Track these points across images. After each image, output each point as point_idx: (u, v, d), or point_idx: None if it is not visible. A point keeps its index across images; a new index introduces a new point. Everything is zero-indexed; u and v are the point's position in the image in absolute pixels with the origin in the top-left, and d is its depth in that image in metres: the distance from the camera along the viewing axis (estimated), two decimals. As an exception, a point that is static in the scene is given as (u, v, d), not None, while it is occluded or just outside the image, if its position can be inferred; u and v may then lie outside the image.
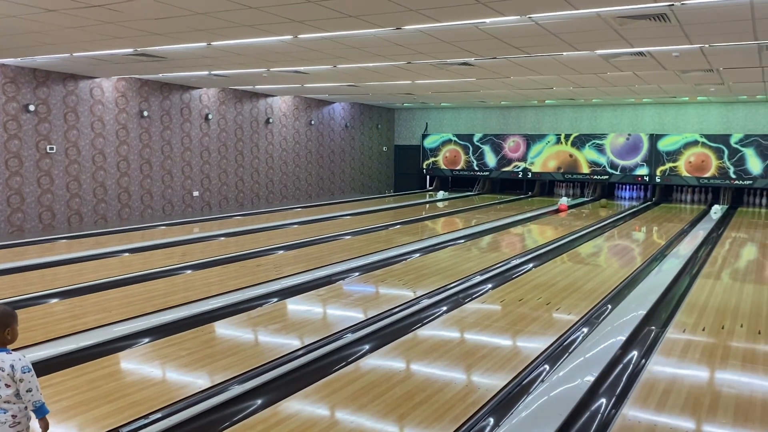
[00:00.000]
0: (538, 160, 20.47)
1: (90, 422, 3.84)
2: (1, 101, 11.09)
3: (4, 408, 2.75)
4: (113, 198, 13.22)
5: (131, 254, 9.89)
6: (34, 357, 4.83)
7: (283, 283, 7.62)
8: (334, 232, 12.04)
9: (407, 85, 14.20)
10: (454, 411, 4.01)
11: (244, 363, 4.88)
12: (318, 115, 18.81)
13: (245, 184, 16.45)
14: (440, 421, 3.87)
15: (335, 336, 5.61)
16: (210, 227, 12.96)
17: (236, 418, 3.94)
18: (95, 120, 12.70)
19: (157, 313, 6.28)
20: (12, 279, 8.01)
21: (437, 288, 7.44)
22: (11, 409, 2.77)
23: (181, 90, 14.44)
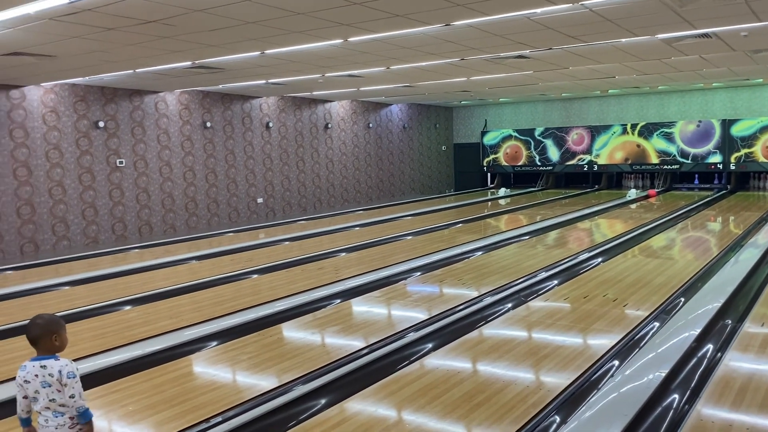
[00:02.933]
0: (603, 151, 19.84)
1: (155, 426, 3.94)
2: (72, 119, 11.64)
3: (61, 411, 2.84)
4: (181, 207, 13.65)
5: (199, 261, 10.17)
6: (109, 362, 5.02)
7: (346, 285, 7.65)
8: (396, 233, 12.03)
9: (463, 82, 14.05)
10: (515, 411, 3.90)
11: (307, 364, 4.91)
12: (376, 118, 18.87)
13: (307, 189, 16.68)
14: (501, 422, 3.77)
15: (397, 336, 5.57)
16: (275, 232, 13.19)
17: (300, 418, 3.96)
18: (161, 133, 13.15)
19: (226, 317, 6.41)
20: (88, 288, 8.37)
21: (500, 286, 7.30)
22: (68, 413, 2.86)
23: (242, 100, 14.78)
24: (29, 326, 2.92)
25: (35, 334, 2.89)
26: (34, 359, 2.88)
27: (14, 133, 10.81)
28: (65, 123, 11.53)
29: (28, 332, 2.90)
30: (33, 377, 2.83)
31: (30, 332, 2.90)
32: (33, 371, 2.84)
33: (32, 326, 2.90)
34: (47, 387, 2.83)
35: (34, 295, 7.99)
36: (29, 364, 2.86)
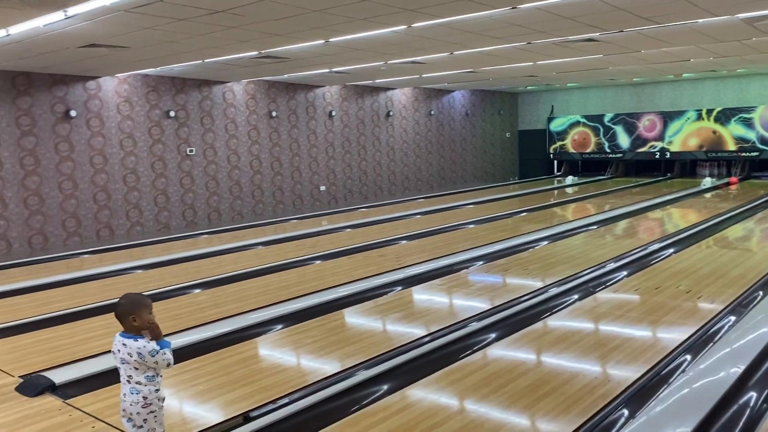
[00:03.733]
0: (677, 138, 19.04)
1: (223, 406, 4.05)
2: (145, 109, 12.07)
3: (137, 389, 2.96)
4: (248, 195, 13.97)
5: (265, 247, 10.39)
6: (181, 343, 5.19)
7: (407, 272, 7.65)
8: (457, 221, 11.93)
9: (529, 67, 13.73)
10: (582, 403, 3.80)
11: (370, 349, 4.95)
12: (438, 105, 18.73)
13: (368, 177, 16.75)
14: (566, 413, 3.69)
15: (459, 325, 5.53)
16: (337, 219, 13.33)
17: (363, 402, 3.99)
18: (228, 122, 13.47)
19: (291, 301, 6.53)
20: (161, 272, 8.69)
21: (566, 276, 7.12)
22: (142, 391, 2.97)
23: (306, 89, 14.95)
24: (116, 304, 3.07)
25: (117, 312, 3.03)
26: (120, 334, 3.03)
27: (91, 123, 11.30)
28: (138, 112, 11.96)
29: (114, 309, 3.06)
30: (116, 351, 3.01)
31: (115, 310, 3.06)
32: (117, 345, 3.00)
33: (117, 304, 3.06)
34: (125, 364, 2.97)
35: (109, 278, 8.35)
36: (117, 338, 3.02)
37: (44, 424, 3.85)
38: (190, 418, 3.91)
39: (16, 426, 3.85)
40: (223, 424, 3.79)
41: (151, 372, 2.98)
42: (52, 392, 4.35)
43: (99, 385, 4.42)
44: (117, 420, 3.80)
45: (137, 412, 2.96)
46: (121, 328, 3.04)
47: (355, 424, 3.68)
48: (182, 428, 3.72)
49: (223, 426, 3.76)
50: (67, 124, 10.98)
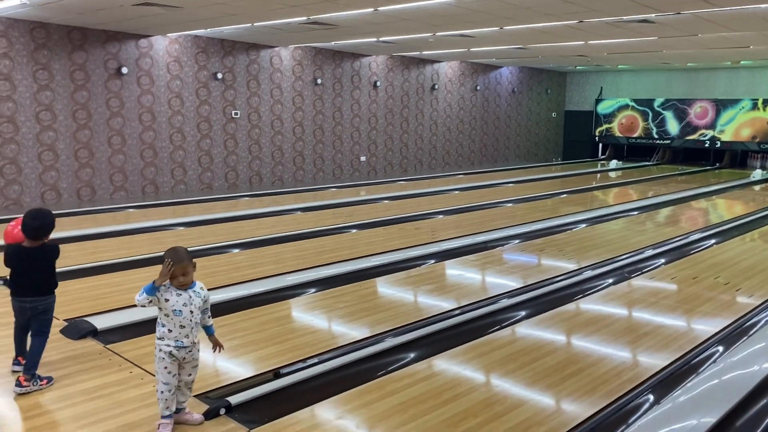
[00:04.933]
0: (728, 128, 18.45)
1: (256, 361, 4.19)
2: (194, 69, 12.25)
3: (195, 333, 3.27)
4: (289, 161, 14.12)
5: (304, 213, 10.54)
6: (217, 299, 5.34)
7: (442, 246, 7.68)
8: (496, 199, 11.87)
9: (580, 47, 13.43)
10: (608, 385, 3.81)
11: (400, 318, 5.03)
12: (484, 81, 18.49)
13: (409, 150, 16.72)
14: (592, 394, 3.71)
15: (490, 300, 5.57)
16: (375, 191, 13.39)
17: (390, 368, 4.08)
18: (274, 87, 13.57)
19: (325, 267, 6.65)
20: (202, 230, 8.92)
21: (602, 260, 7.06)
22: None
23: (352, 58, 14.93)
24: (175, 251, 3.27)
25: None
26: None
27: (141, 80, 11.53)
28: (187, 73, 12.14)
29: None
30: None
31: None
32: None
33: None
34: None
35: (153, 233, 8.61)
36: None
37: (85, 366, 4.05)
38: (222, 371, 4.06)
39: (59, 365, 4.06)
40: (254, 379, 3.92)
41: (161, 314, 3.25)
42: (93, 337, 4.56)
43: (138, 333, 4.61)
44: (153, 367, 3.98)
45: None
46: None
47: (381, 387, 3.78)
48: (215, 380, 3.87)
49: (254, 380, 3.90)
50: (119, 80, 11.23)
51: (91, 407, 3.48)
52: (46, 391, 3.68)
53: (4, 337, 4.57)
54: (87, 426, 3.28)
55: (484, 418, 3.40)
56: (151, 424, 3.30)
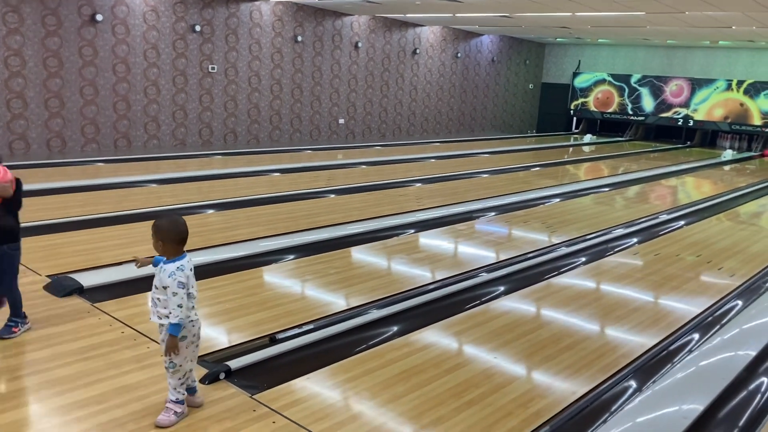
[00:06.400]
0: (702, 107, 18.73)
1: (249, 326, 4.12)
2: (171, 20, 11.79)
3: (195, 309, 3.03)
4: (265, 120, 13.82)
5: (281, 174, 10.37)
6: (194, 262, 5.21)
7: (419, 216, 7.62)
8: (472, 169, 11.86)
9: (566, 18, 13.36)
10: (603, 360, 3.86)
11: (392, 286, 5.00)
12: (465, 48, 18.31)
13: (388, 115, 16.55)
14: (588, 368, 3.74)
15: (479, 270, 5.57)
16: (353, 155, 13.25)
17: (387, 336, 4.05)
18: (253, 42, 13.19)
19: (303, 233, 6.54)
20: (174, 188, 8.69)
21: (578, 236, 7.11)
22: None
23: (334, 16, 14.57)
24: (184, 224, 2.96)
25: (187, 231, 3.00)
26: (180, 258, 2.93)
27: (116, 29, 11.06)
28: (164, 23, 11.69)
29: (185, 230, 2.95)
30: (191, 273, 2.95)
31: (187, 230, 2.97)
32: (189, 266, 2.95)
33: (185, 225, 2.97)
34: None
35: (123, 189, 8.35)
36: (185, 262, 2.92)
37: (74, 325, 3.92)
38: (217, 335, 3.98)
39: (47, 323, 3.92)
40: (250, 344, 3.85)
41: None
42: (79, 295, 4.41)
43: (124, 293, 4.48)
44: (146, 327, 3.88)
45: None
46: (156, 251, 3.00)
47: (380, 355, 3.75)
48: (210, 343, 3.78)
49: (250, 345, 3.83)
50: (93, 28, 10.74)
51: (86, 367, 3.37)
52: (39, 350, 3.55)
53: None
54: (83, 387, 3.18)
55: (486, 389, 3.41)
56: (148, 386, 3.21)
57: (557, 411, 3.24)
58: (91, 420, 2.92)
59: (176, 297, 2.84)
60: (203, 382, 3.28)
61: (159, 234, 2.91)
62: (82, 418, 2.92)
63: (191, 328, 2.97)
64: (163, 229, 2.91)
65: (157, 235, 2.91)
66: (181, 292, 2.85)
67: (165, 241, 2.91)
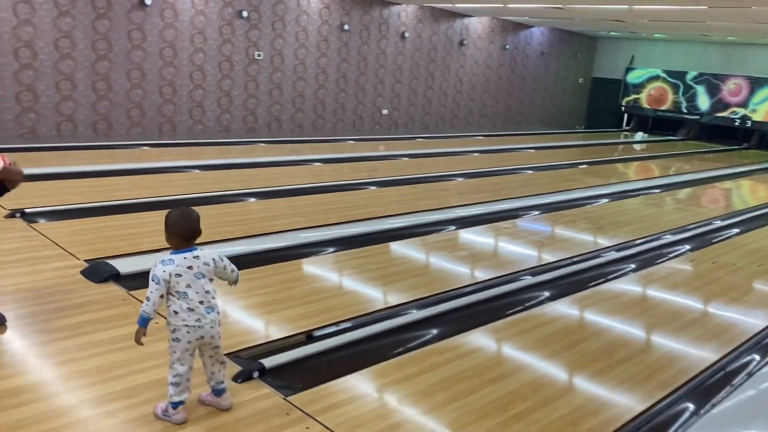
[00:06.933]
0: (762, 107, 17.88)
1: (285, 321, 3.98)
2: (219, 6, 11.75)
3: (213, 306, 2.77)
4: (310, 108, 13.72)
5: (322, 164, 10.25)
6: (232, 251, 5.11)
7: (461, 212, 7.38)
8: (517, 165, 11.54)
9: (622, 11, 12.85)
10: (660, 375, 3.59)
11: (433, 285, 4.80)
12: (514, 40, 17.87)
13: (432, 107, 16.27)
14: (644, 384, 3.48)
15: (526, 272, 5.33)
16: (394, 146, 13.06)
17: (425, 339, 3.87)
18: (300, 30, 13.08)
19: (342, 225, 6.39)
20: (217, 175, 8.64)
21: (629, 240, 6.77)
22: (216, 307, 2.80)
23: (381, 5, 14.35)
24: (197, 219, 2.77)
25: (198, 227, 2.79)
26: (182, 251, 2.72)
27: (165, 13, 11.07)
28: (212, 9, 11.66)
29: (196, 226, 2.77)
30: (185, 270, 2.71)
31: (198, 226, 2.78)
32: (185, 263, 2.70)
33: (195, 220, 2.78)
34: (202, 278, 2.74)
35: (166, 174, 8.34)
36: (177, 257, 2.70)
37: (109, 313, 3.85)
38: (252, 329, 3.85)
39: (82, 310, 3.85)
40: (285, 340, 3.71)
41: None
42: (116, 281, 4.35)
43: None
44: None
45: (218, 332, 2.81)
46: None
47: (421, 360, 3.56)
48: (245, 338, 3.66)
49: (286, 342, 3.69)
50: (142, 11, 10.77)
51: (117, 358, 3.28)
52: (71, 337, 3.47)
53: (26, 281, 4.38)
54: (114, 379, 3.08)
55: (533, 403, 3.19)
56: (180, 382, 3.09)
57: (612, 431, 3.00)
58: (119, 415, 2.81)
59: (149, 289, 2.68)
60: (236, 380, 3.15)
61: (167, 225, 2.75)
62: (111, 413, 2.82)
63: (186, 333, 2.72)
64: (171, 221, 2.75)
65: (166, 227, 2.76)
66: (152, 285, 2.67)
67: (172, 233, 2.75)
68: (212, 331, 2.77)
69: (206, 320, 2.75)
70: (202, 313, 2.73)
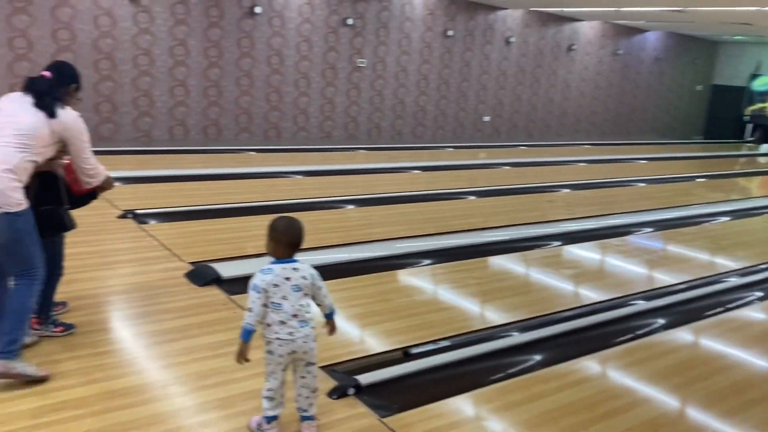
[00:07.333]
0: None
1: (381, 334, 3.85)
2: (325, 13, 11.93)
3: (307, 320, 2.66)
4: (410, 115, 13.65)
5: (421, 172, 10.13)
6: (330, 259, 5.05)
7: (567, 226, 6.98)
8: (627, 176, 10.89)
9: (749, 13, 11.87)
10: (800, 424, 3.16)
11: (538, 305, 4.53)
12: (626, 45, 17.00)
13: (537, 114, 15.77)
14: (782, 432, 3.08)
15: (640, 296, 4.93)
16: (496, 154, 12.74)
17: (529, 364, 3.62)
18: (403, 37, 13.04)
19: (440, 236, 6.21)
20: (319, 181, 8.73)
21: (757, 263, 6.13)
22: (311, 321, 2.69)
23: (487, 10, 14.07)
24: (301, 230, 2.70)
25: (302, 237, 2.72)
26: (282, 261, 2.65)
27: (272, 21, 11.36)
28: (318, 16, 11.85)
29: (300, 236, 2.70)
30: (283, 280, 2.63)
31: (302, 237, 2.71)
32: (283, 273, 2.63)
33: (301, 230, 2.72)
34: (298, 291, 2.65)
35: (270, 178, 8.50)
36: (276, 267, 2.63)
37: (209, 317, 3.88)
38: (348, 342, 3.75)
39: (185, 312, 3.91)
40: (381, 356, 3.58)
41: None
42: (218, 285, 4.39)
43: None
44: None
45: (312, 347, 2.71)
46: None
47: (525, 387, 3.32)
48: (341, 351, 3.56)
49: (381, 358, 3.56)
50: (251, 20, 11.11)
51: (216, 365, 3.27)
52: (174, 341, 3.51)
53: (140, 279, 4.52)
54: (211, 387, 3.07)
55: (652, 446, 2.88)
56: (275, 395, 3.03)
57: (745, 486, 2.65)
58: (215, 426, 2.78)
59: (250, 299, 2.61)
60: (331, 396, 3.05)
61: (271, 232, 2.68)
62: (207, 423, 2.80)
63: (278, 347, 2.63)
64: (276, 229, 2.67)
65: (270, 234, 2.68)
66: (253, 295, 2.60)
67: (275, 241, 2.67)
68: (305, 346, 2.68)
69: (299, 334, 2.65)
70: (294, 327, 2.65)
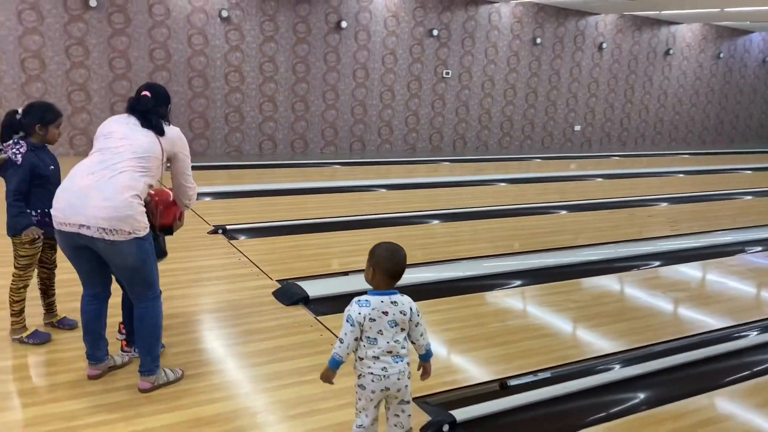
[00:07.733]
0: None
1: (477, 363, 3.62)
2: (410, 25, 11.84)
3: (402, 356, 2.46)
4: (496, 126, 13.33)
5: (507, 184, 9.80)
6: (418, 279, 4.87)
7: (670, 244, 6.47)
8: (733, 188, 10.11)
9: None
10: None
11: (650, 332, 4.15)
12: (729, 47, 15.95)
13: (631, 122, 15.03)
14: None
15: (752, 325, 4.44)
16: (587, 165, 12.20)
17: (650, 401, 3.28)
18: (489, 46, 12.77)
19: (530, 254, 5.90)
20: (403, 194, 8.58)
21: None
22: (406, 357, 2.49)
23: (578, 16, 13.56)
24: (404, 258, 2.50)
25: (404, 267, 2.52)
26: (381, 293, 2.47)
27: (358, 35, 11.38)
28: (403, 29, 11.78)
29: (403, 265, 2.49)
30: (380, 314, 2.44)
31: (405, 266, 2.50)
32: (381, 307, 2.43)
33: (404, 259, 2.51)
34: (394, 327, 2.46)
35: (355, 192, 8.44)
36: (374, 300, 2.44)
37: (297, 339, 3.77)
38: (442, 372, 3.53)
39: (273, 334, 3.82)
40: (475, 388, 3.35)
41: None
42: (305, 304, 4.30)
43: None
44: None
45: (406, 384, 2.51)
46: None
47: (641, 427, 2.99)
48: (430, 382, 3.34)
49: (476, 390, 3.32)
50: (337, 34, 11.18)
51: (304, 392, 3.14)
52: (262, 365, 3.42)
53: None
54: (298, 417, 2.94)
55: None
56: (366, 428, 2.86)
57: None
58: (303, 461, 2.64)
59: (343, 329, 2.43)
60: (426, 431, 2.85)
61: (372, 259, 2.48)
62: (295, 457, 2.66)
63: (370, 382, 2.45)
64: (378, 256, 2.47)
65: (370, 260, 2.49)
66: (347, 326, 2.42)
67: (375, 269, 2.47)
68: (399, 384, 2.48)
69: (393, 370, 2.46)
70: (388, 362, 2.45)
